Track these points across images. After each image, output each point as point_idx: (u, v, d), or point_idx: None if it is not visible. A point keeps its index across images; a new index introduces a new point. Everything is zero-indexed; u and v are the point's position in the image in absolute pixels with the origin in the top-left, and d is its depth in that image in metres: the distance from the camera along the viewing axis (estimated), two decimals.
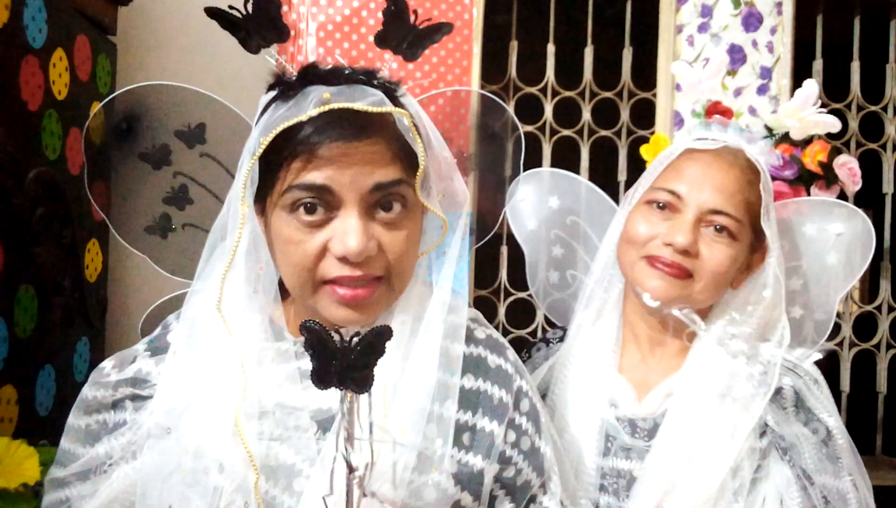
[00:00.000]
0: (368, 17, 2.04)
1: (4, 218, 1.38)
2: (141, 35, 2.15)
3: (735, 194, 1.16)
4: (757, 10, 2.20)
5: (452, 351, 0.93)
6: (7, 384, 1.39)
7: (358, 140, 0.84)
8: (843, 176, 1.99)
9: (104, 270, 1.89)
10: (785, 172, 1.93)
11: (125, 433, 0.92)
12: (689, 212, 1.16)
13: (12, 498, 1.10)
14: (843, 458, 1.14)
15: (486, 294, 2.27)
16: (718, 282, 1.17)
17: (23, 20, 1.44)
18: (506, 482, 0.95)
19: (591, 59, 2.30)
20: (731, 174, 1.17)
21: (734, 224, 1.15)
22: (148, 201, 1.03)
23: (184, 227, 1.04)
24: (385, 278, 0.88)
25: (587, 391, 1.22)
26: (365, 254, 0.84)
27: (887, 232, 2.33)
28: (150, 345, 0.99)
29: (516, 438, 0.96)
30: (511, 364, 0.99)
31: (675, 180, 1.18)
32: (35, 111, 1.50)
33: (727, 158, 1.19)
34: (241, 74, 2.20)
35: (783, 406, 1.16)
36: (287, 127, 0.84)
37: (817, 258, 1.30)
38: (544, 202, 1.40)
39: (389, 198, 0.87)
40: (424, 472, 0.87)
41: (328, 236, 0.85)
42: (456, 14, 2.07)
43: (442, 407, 0.90)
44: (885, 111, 2.40)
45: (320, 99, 0.85)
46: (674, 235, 1.14)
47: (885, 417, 2.36)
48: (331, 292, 0.86)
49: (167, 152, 0.99)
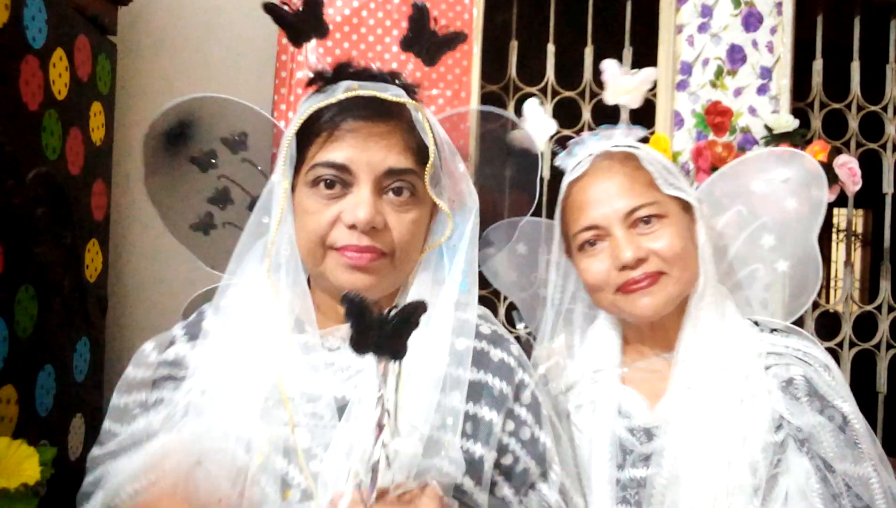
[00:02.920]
0: (368, 18, 2.04)
1: (4, 218, 1.38)
2: (141, 35, 2.15)
3: (631, 185, 1.18)
4: (757, 10, 2.20)
5: (460, 345, 0.98)
6: (7, 384, 1.39)
7: (374, 122, 0.95)
8: (843, 176, 1.99)
9: (104, 270, 1.89)
10: None
11: (162, 411, 0.98)
12: (615, 229, 1.17)
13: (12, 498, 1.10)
14: (861, 443, 1.12)
15: (486, 294, 2.27)
16: (685, 261, 1.17)
17: (23, 20, 1.44)
18: (505, 469, 1.00)
19: (591, 59, 2.30)
20: (617, 175, 1.20)
21: (653, 207, 1.17)
22: (194, 200, 1.13)
23: (224, 225, 1.14)
24: (389, 254, 0.96)
25: (595, 407, 1.22)
26: (371, 224, 0.93)
27: (887, 232, 2.33)
28: (187, 330, 1.05)
29: (515, 427, 1.01)
30: (514, 358, 1.04)
31: (582, 217, 1.20)
32: (35, 111, 1.50)
33: (603, 165, 1.21)
34: (240, 73, 2.20)
35: (796, 397, 1.14)
36: (317, 110, 0.96)
37: (777, 208, 1.30)
38: (513, 252, 1.41)
39: (400, 184, 0.96)
40: (431, 457, 0.91)
41: (342, 208, 0.95)
42: (456, 14, 2.08)
43: (450, 398, 0.95)
44: (885, 111, 2.40)
45: (348, 87, 0.97)
46: (618, 257, 1.16)
47: (885, 417, 2.36)
48: (338, 257, 0.95)
49: (213, 157, 1.11)
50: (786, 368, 1.16)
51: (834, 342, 2.33)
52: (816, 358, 1.17)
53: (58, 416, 1.62)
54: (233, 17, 2.19)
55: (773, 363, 1.17)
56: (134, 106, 2.15)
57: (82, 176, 1.74)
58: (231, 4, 2.20)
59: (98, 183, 1.84)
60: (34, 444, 1.14)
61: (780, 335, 1.21)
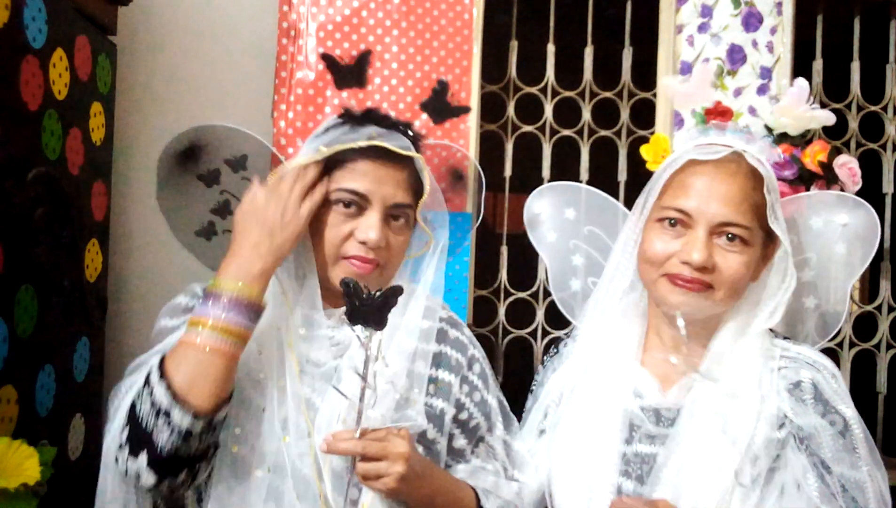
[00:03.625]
0: (368, 18, 2.03)
1: (4, 218, 1.38)
2: (141, 35, 2.15)
3: (741, 202, 1.19)
4: (757, 10, 2.20)
5: (425, 325, 1.26)
6: (7, 384, 1.39)
7: (389, 163, 1.22)
8: (843, 176, 1.98)
9: (104, 270, 1.89)
10: (785, 172, 1.93)
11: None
12: (700, 228, 1.19)
13: (12, 498, 1.10)
14: (860, 449, 1.17)
15: (487, 294, 2.27)
16: (737, 287, 1.21)
17: (23, 20, 1.44)
18: (461, 423, 1.28)
19: (591, 59, 2.30)
20: (736, 184, 1.20)
21: (745, 232, 1.19)
22: (199, 210, 1.33)
23: (224, 232, 1.33)
24: (382, 265, 1.22)
25: (611, 382, 1.27)
26: (377, 244, 1.19)
27: (887, 232, 2.33)
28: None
29: (469, 390, 1.29)
30: (466, 337, 1.33)
31: (682, 197, 1.21)
32: (35, 111, 1.50)
33: (730, 167, 1.21)
34: (240, 73, 2.20)
35: (802, 399, 1.19)
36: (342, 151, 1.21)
37: (825, 249, 1.34)
38: (560, 215, 1.46)
39: (400, 213, 1.23)
40: (403, 410, 1.19)
41: (355, 225, 1.20)
42: (456, 14, 2.07)
43: (417, 366, 1.23)
44: (885, 111, 2.40)
45: (370, 135, 1.22)
46: (689, 253, 1.18)
47: (885, 417, 2.36)
48: (347, 265, 1.20)
49: (217, 175, 1.32)
50: (796, 371, 1.21)
51: (834, 342, 2.33)
52: (825, 367, 1.22)
53: (58, 416, 1.62)
54: (233, 17, 2.19)
55: (785, 366, 1.22)
56: (134, 106, 2.15)
57: (82, 176, 1.74)
58: (231, 4, 2.20)
59: (98, 183, 1.84)
60: (34, 444, 1.14)
61: (793, 343, 1.27)
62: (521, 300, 2.28)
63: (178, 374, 1.07)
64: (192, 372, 1.07)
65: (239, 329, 1.10)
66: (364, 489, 1.12)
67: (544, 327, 2.28)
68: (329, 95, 2.00)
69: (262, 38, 2.12)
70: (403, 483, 1.10)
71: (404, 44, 2.04)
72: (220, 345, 1.08)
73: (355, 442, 1.08)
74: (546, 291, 2.29)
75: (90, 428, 1.78)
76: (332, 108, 1.99)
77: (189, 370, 1.07)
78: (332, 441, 1.09)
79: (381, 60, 2.04)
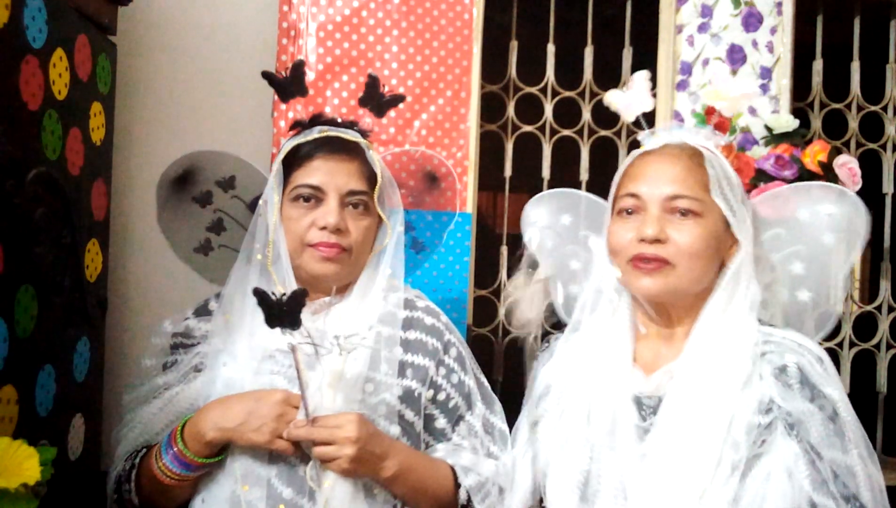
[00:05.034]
0: (368, 18, 2.04)
1: (4, 218, 1.38)
2: (141, 35, 2.15)
3: (686, 177, 1.25)
4: (757, 10, 2.20)
5: (398, 314, 1.38)
6: (7, 384, 1.39)
7: (339, 155, 1.36)
8: (843, 176, 1.99)
9: (104, 270, 1.89)
10: (785, 173, 1.93)
11: (175, 370, 1.38)
12: (652, 206, 1.25)
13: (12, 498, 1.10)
14: (848, 434, 1.16)
15: (487, 294, 2.27)
16: (697, 262, 1.23)
17: (23, 20, 1.44)
18: (440, 404, 1.38)
19: (591, 59, 2.30)
20: (680, 163, 1.26)
21: (695, 203, 1.23)
22: (195, 229, 1.47)
23: (219, 247, 1.48)
24: (348, 250, 1.34)
25: (599, 375, 1.29)
26: (337, 226, 1.31)
27: (887, 232, 2.34)
28: (196, 310, 1.45)
29: (446, 373, 1.39)
30: (443, 324, 1.43)
31: (632, 184, 1.29)
32: (35, 111, 1.49)
33: (673, 151, 1.29)
34: (239, 73, 2.20)
35: (788, 383, 1.18)
36: (296, 146, 1.36)
37: (814, 240, 1.35)
38: (557, 221, 1.50)
39: (357, 200, 1.35)
40: (377, 394, 1.31)
41: (315, 215, 1.33)
42: (456, 14, 2.07)
43: (390, 352, 1.34)
44: (885, 111, 2.41)
45: (321, 130, 1.37)
46: (642, 229, 1.24)
47: (885, 417, 2.36)
48: (313, 252, 1.33)
49: (209, 195, 1.45)
50: (780, 356, 1.21)
51: (834, 342, 2.33)
52: (810, 350, 1.22)
53: (58, 416, 1.62)
54: (233, 18, 2.19)
55: (769, 351, 1.22)
56: (134, 106, 2.15)
57: (82, 176, 1.74)
58: (231, 4, 2.20)
59: (98, 183, 1.84)
60: (34, 444, 1.14)
61: (777, 328, 1.27)
62: None
63: (143, 487, 1.33)
64: (151, 489, 1.32)
65: (179, 474, 1.28)
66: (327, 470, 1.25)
67: (544, 327, 2.28)
68: (329, 96, 2.01)
69: (262, 38, 2.12)
70: (357, 464, 1.23)
71: (404, 44, 2.04)
72: (166, 480, 1.29)
73: (306, 429, 1.23)
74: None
75: (90, 428, 1.79)
76: (332, 108, 1.99)
77: (149, 487, 1.33)
78: (290, 429, 1.24)
79: (381, 60, 2.04)
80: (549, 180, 2.26)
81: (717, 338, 1.23)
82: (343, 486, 1.25)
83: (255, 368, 1.32)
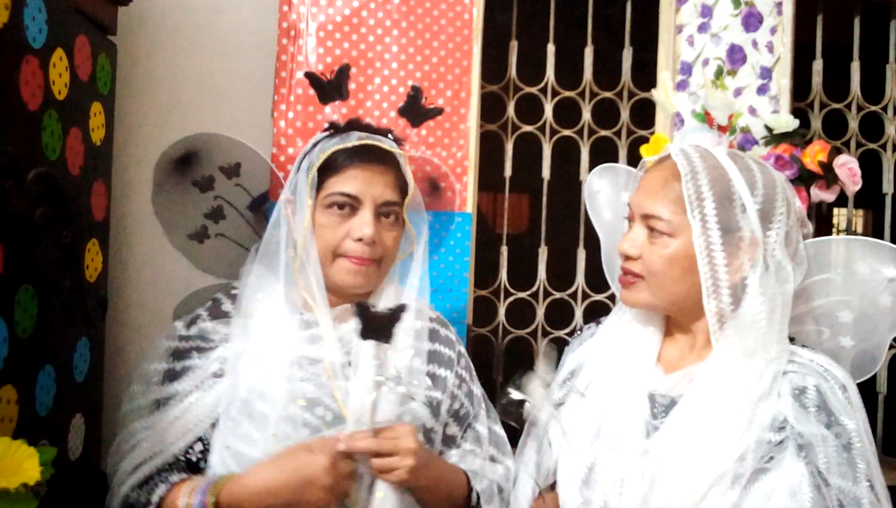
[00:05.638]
0: (368, 18, 2.03)
1: (4, 218, 1.38)
2: (141, 35, 2.15)
3: (657, 192, 1.24)
4: (757, 10, 2.20)
5: (418, 326, 1.38)
6: (7, 384, 1.39)
7: (376, 165, 1.32)
8: (843, 176, 1.99)
9: (104, 270, 1.89)
10: (785, 172, 1.93)
11: (191, 376, 1.30)
12: (636, 221, 1.27)
13: (12, 498, 1.10)
14: (860, 464, 1.14)
15: (487, 294, 2.27)
16: (663, 279, 1.23)
17: (23, 20, 1.44)
18: (454, 412, 1.40)
19: (591, 59, 2.30)
20: (659, 181, 1.25)
21: (661, 223, 1.23)
22: (193, 214, 1.42)
23: (216, 236, 1.43)
24: (377, 261, 1.33)
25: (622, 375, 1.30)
26: (373, 239, 1.30)
27: (887, 232, 2.33)
28: (209, 312, 1.37)
29: (459, 383, 1.42)
30: (453, 335, 1.47)
31: (631, 196, 1.31)
32: (35, 111, 1.50)
33: (661, 167, 1.27)
34: (240, 73, 2.20)
35: (805, 405, 1.18)
36: (334, 152, 1.32)
37: (869, 298, 1.34)
38: (618, 196, 1.52)
39: (390, 211, 1.34)
40: (405, 405, 1.30)
41: (350, 225, 1.31)
42: (456, 14, 2.07)
43: (415, 362, 1.34)
44: (885, 111, 2.40)
45: (359, 137, 1.33)
46: (621, 243, 1.28)
47: (885, 417, 2.36)
48: (345, 263, 1.31)
49: (212, 181, 1.41)
50: (802, 377, 1.20)
51: None
52: (835, 377, 1.20)
53: (58, 416, 1.62)
54: (233, 18, 2.19)
55: (792, 371, 1.21)
56: (134, 106, 2.15)
57: (82, 176, 1.74)
58: (231, 5, 2.20)
59: (98, 183, 1.84)
60: (34, 444, 1.14)
61: (807, 350, 1.25)
62: (521, 300, 2.28)
63: None
64: None
65: None
66: (378, 480, 1.24)
67: (544, 327, 2.28)
68: None
69: (262, 38, 2.12)
70: (413, 475, 1.23)
71: (404, 44, 2.04)
72: None
73: (371, 440, 1.21)
74: (546, 291, 2.29)
75: (90, 428, 1.79)
76: (332, 108, 1.99)
77: None
78: (349, 441, 1.21)
79: (381, 60, 2.04)
80: (549, 180, 2.26)
81: (743, 350, 1.20)
82: (392, 498, 1.25)
83: (286, 374, 1.27)
